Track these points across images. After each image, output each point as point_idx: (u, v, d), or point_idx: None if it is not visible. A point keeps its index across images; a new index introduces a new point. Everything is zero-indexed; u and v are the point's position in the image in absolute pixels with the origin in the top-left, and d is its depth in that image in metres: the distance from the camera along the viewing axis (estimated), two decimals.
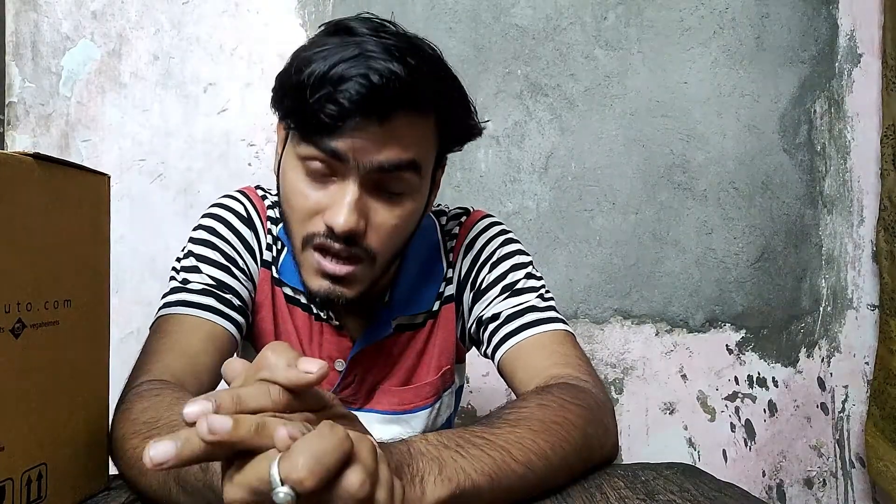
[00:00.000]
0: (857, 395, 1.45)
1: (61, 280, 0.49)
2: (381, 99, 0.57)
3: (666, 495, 0.53)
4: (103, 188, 0.58)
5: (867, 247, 1.46)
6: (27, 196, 0.44)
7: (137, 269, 1.28)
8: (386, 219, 0.62)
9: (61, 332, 0.48)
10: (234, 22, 1.33)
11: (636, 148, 1.40)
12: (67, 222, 0.50)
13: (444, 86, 0.65)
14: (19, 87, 1.29)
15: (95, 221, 0.56)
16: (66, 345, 0.49)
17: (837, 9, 1.46)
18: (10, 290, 0.43)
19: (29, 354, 0.44)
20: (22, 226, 0.43)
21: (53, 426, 0.47)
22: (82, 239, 0.54)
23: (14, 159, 0.43)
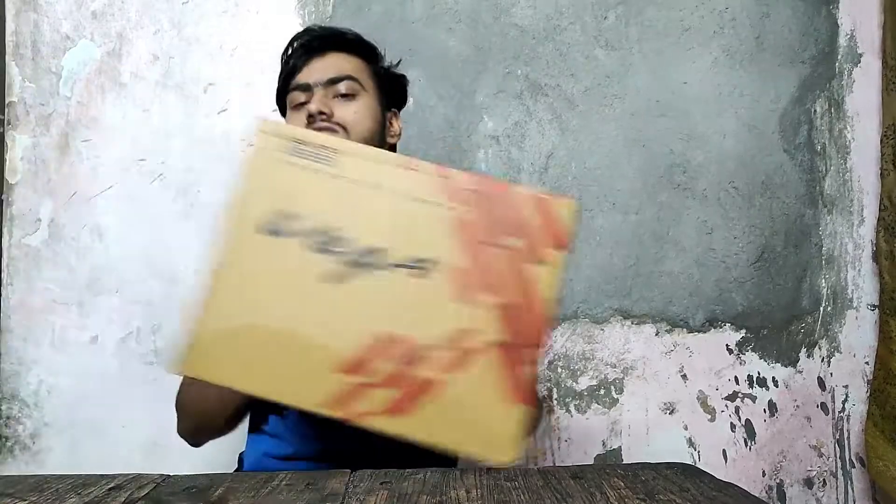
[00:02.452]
0: (857, 395, 1.45)
1: None
2: (320, 43, 0.92)
3: (666, 495, 0.53)
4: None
5: (867, 247, 1.46)
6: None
7: (137, 269, 1.28)
8: (345, 108, 0.90)
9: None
10: (234, 22, 1.33)
11: (636, 148, 1.40)
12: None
13: (361, 38, 0.97)
14: (19, 87, 1.29)
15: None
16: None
17: (837, 9, 1.46)
18: None
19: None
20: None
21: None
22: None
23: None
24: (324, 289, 0.56)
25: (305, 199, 0.57)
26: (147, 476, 0.59)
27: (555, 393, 1.36)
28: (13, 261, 1.27)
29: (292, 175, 0.57)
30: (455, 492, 0.54)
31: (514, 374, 0.56)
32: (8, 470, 1.25)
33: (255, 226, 0.56)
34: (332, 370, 0.55)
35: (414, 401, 0.55)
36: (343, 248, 0.56)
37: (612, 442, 1.37)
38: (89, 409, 1.27)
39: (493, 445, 0.56)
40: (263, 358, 0.56)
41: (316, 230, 0.56)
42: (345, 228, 0.57)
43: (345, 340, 0.55)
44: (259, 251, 0.56)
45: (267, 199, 0.57)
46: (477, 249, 0.57)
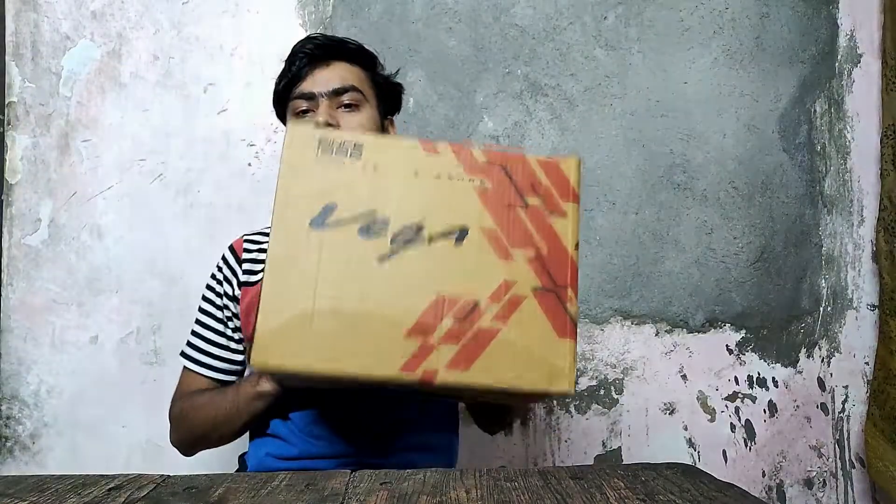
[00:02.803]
0: (857, 395, 1.45)
1: None
2: (324, 51, 0.93)
3: (666, 495, 0.53)
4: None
5: (867, 247, 1.46)
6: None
7: (137, 269, 1.28)
8: (350, 119, 0.93)
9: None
10: (234, 22, 1.33)
11: (636, 148, 1.40)
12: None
13: (362, 47, 0.99)
14: (19, 87, 1.29)
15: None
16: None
17: (837, 9, 1.46)
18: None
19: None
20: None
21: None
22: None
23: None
24: (376, 267, 0.62)
25: (342, 191, 0.64)
26: (147, 476, 0.59)
27: None
28: (13, 261, 1.27)
29: (326, 171, 0.64)
30: (455, 492, 0.54)
31: (556, 314, 0.63)
32: (8, 470, 1.25)
33: (302, 221, 0.62)
34: (402, 336, 0.61)
35: (474, 351, 0.61)
36: (386, 229, 0.63)
37: (612, 442, 1.37)
38: (89, 409, 1.27)
39: (551, 376, 0.62)
40: (337, 338, 0.61)
41: (357, 217, 0.63)
42: (382, 211, 0.64)
43: (406, 308, 0.62)
44: (310, 243, 0.62)
45: (308, 196, 0.63)
46: (502, 212, 0.65)
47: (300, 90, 0.93)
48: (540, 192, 0.66)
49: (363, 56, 0.99)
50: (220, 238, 1.25)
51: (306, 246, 0.62)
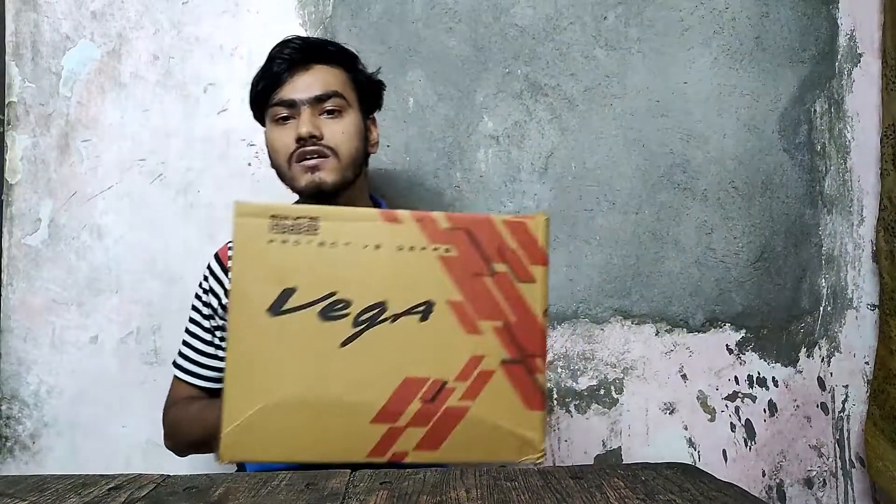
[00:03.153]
0: (857, 395, 1.45)
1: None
2: (304, 54, 0.91)
3: (666, 495, 0.53)
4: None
5: (867, 247, 1.46)
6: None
7: (137, 269, 1.28)
8: (334, 127, 0.91)
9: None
10: (234, 22, 1.33)
11: (636, 148, 1.40)
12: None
13: (342, 48, 0.97)
14: (19, 87, 1.29)
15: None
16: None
17: (837, 9, 1.46)
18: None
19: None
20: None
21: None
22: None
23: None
24: (340, 351, 0.61)
25: (300, 273, 0.62)
26: (147, 476, 0.59)
27: (555, 393, 1.36)
28: (13, 261, 1.27)
29: (280, 251, 0.61)
30: (455, 492, 0.54)
31: (525, 385, 0.62)
32: (8, 470, 1.25)
33: (259, 309, 0.60)
34: (368, 422, 0.60)
35: (443, 432, 0.61)
36: (347, 311, 0.61)
37: (612, 442, 1.37)
38: (89, 409, 1.27)
39: (521, 450, 0.62)
40: (303, 429, 0.60)
41: (317, 300, 0.61)
42: (343, 292, 0.62)
43: (372, 394, 0.61)
44: (270, 332, 0.60)
45: (264, 282, 0.61)
46: (468, 282, 0.63)
47: (280, 97, 0.91)
48: (507, 256, 0.64)
49: (344, 57, 0.96)
50: (220, 238, 1.25)
51: (266, 335, 0.60)
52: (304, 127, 0.89)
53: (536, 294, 0.64)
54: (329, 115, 0.92)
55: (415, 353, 0.61)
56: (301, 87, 0.91)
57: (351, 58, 0.97)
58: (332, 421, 0.60)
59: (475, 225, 0.64)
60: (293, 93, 0.90)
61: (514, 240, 0.64)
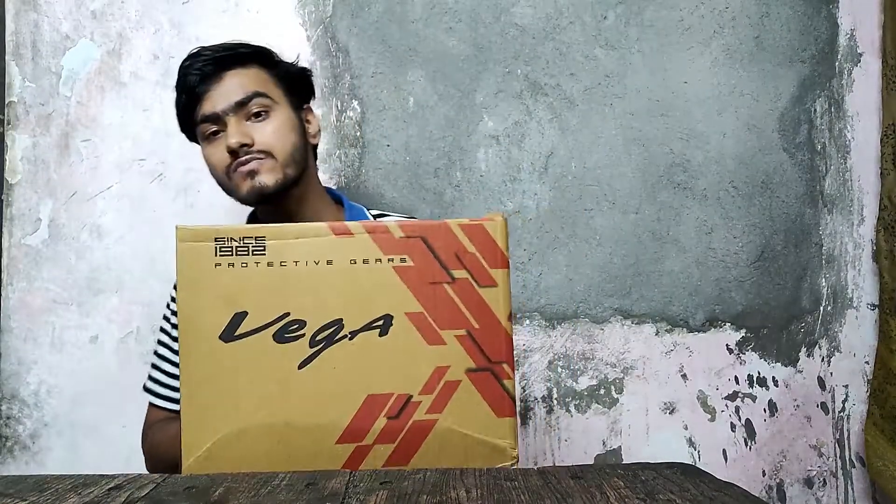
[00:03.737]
0: (857, 395, 1.45)
1: None
2: (214, 66, 0.87)
3: (666, 495, 0.53)
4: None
5: (867, 246, 1.46)
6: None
7: (137, 269, 1.28)
8: (263, 130, 0.87)
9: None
10: (234, 22, 1.33)
11: (636, 148, 1.40)
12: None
13: (254, 47, 0.92)
14: (19, 87, 1.29)
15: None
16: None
17: (837, 8, 1.46)
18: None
19: None
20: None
21: None
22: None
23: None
24: (298, 373, 0.59)
25: (250, 295, 0.59)
26: (147, 476, 0.59)
27: (555, 393, 1.36)
28: (13, 261, 1.27)
29: (228, 274, 0.59)
30: (455, 492, 0.54)
31: (493, 393, 0.61)
32: (8, 470, 1.25)
33: (211, 337, 0.58)
34: (333, 443, 0.59)
35: (412, 446, 0.59)
36: (303, 331, 0.59)
37: (612, 442, 1.37)
38: (89, 409, 1.27)
39: (493, 457, 0.61)
40: (265, 454, 0.58)
41: (270, 323, 0.59)
42: (297, 312, 0.59)
43: (335, 413, 0.59)
44: (223, 358, 0.58)
45: (213, 306, 0.59)
46: (427, 291, 0.61)
47: (203, 113, 0.88)
48: (466, 262, 0.61)
49: (257, 55, 0.92)
50: None
51: (220, 362, 0.58)
52: (232, 138, 0.85)
53: (499, 298, 0.62)
54: (256, 118, 0.88)
55: (376, 369, 0.60)
56: (219, 97, 0.87)
57: (265, 54, 0.93)
58: (296, 445, 0.58)
59: (430, 232, 0.62)
60: (213, 106, 0.87)
61: (472, 244, 0.62)
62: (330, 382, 0.59)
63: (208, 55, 0.88)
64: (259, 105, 0.88)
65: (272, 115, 0.89)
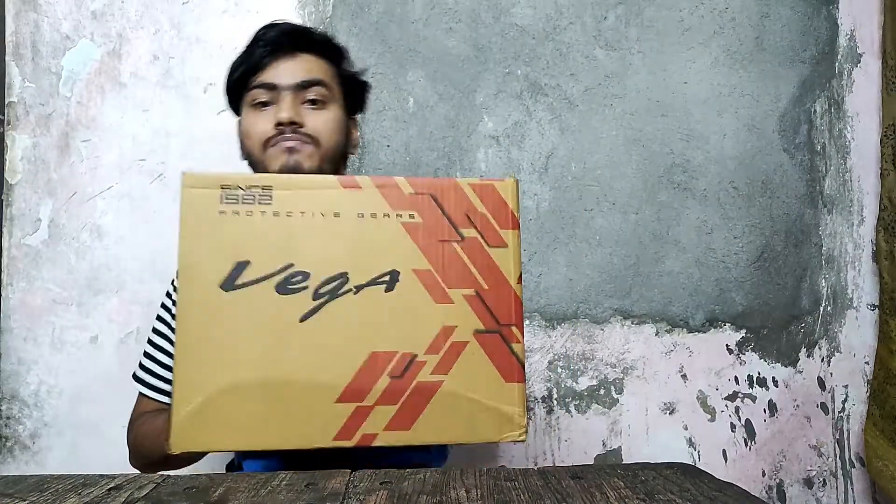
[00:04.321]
0: (857, 395, 1.45)
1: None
2: (290, 39, 0.86)
3: (666, 495, 0.53)
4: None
5: (867, 247, 1.46)
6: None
7: (137, 269, 1.28)
8: (315, 117, 0.86)
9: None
10: (234, 22, 1.33)
11: (636, 148, 1.40)
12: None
13: (331, 39, 0.93)
14: (19, 87, 1.29)
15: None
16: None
17: (837, 9, 1.46)
18: None
19: None
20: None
21: None
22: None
23: None
24: (300, 327, 0.56)
25: (253, 244, 0.57)
26: (147, 476, 0.59)
27: (555, 393, 1.36)
28: (13, 261, 1.27)
29: (232, 223, 0.57)
30: (455, 492, 0.54)
31: (502, 356, 0.58)
32: (8, 470, 1.25)
33: (211, 285, 0.56)
34: (333, 402, 0.56)
35: (415, 409, 0.57)
36: (306, 283, 0.57)
37: (612, 442, 1.37)
38: (89, 409, 1.27)
39: (501, 426, 0.58)
40: (262, 413, 0.56)
41: (273, 273, 0.57)
42: (301, 263, 0.57)
43: (336, 371, 0.56)
44: (223, 309, 0.56)
45: (215, 255, 0.57)
46: (436, 249, 0.59)
47: (261, 80, 0.85)
48: (476, 221, 0.60)
49: (331, 49, 0.91)
50: None
51: (219, 312, 0.56)
52: (284, 112, 0.83)
53: (509, 259, 0.60)
54: (312, 104, 0.86)
55: (381, 325, 0.57)
56: (284, 72, 0.85)
57: (339, 51, 0.92)
58: (293, 403, 0.55)
59: (441, 190, 0.60)
60: (275, 77, 0.84)
61: (482, 204, 0.60)
62: (332, 337, 0.57)
63: (286, 28, 0.87)
64: (318, 94, 0.86)
65: (327, 107, 0.87)
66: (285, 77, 0.85)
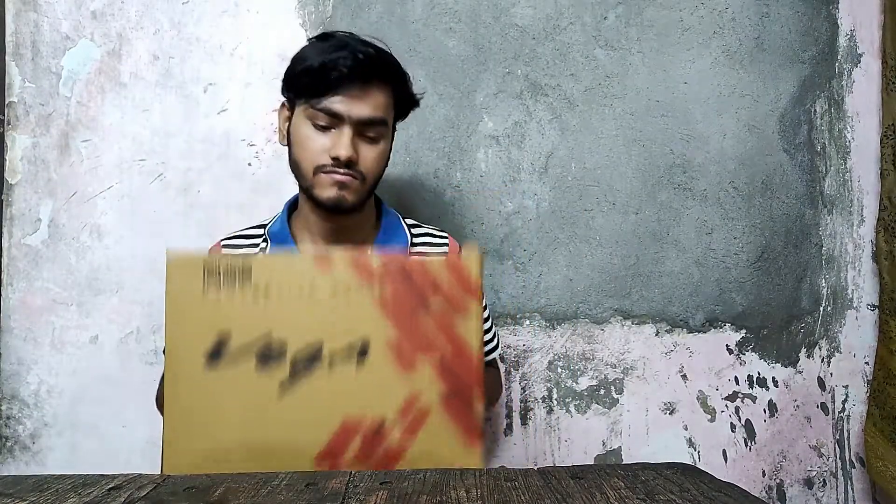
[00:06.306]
0: (857, 395, 1.45)
1: None
2: (363, 71, 0.88)
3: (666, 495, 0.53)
4: None
5: (867, 247, 1.46)
6: None
7: (137, 269, 1.28)
8: (369, 153, 0.91)
9: None
10: (234, 22, 1.33)
11: (636, 148, 1.40)
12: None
13: (398, 67, 0.95)
14: (19, 87, 1.29)
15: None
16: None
17: (837, 9, 1.46)
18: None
19: None
20: None
21: None
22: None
23: None
24: (278, 396, 0.62)
25: (234, 322, 0.62)
26: (147, 476, 0.59)
27: (555, 393, 1.36)
28: (13, 261, 1.27)
29: (215, 301, 0.62)
30: (455, 492, 0.54)
31: (463, 418, 0.64)
32: (8, 470, 1.25)
33: (196, 359, 0.61)
34: (311, 463, 0.61)
35: (383, 469, 0.62)
36: (284, 356, 0.62)
37: (612, 442, 1.37)
38: (89, 409, 1.27)
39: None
40: (246, 468, 0.61)
41: (253, 348, 0.62)
42: (279, 337, 0.62)
43: (312, 435, 0.62)
44: (207, 382, 0.61)
45: (199, 332, 0.62)
46: (404, 318, 0.64)
47: (326, 105, 0.88)
48: (441, 291, 0.65)
49: (397, 77, 0.95)
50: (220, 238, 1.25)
51: (203, 385, 0.61)
52: (343, 150, 0.87)
53: (471, 326, 0.65)
54: (368, 140, 0.91)
55: (353, 394, 0.62)
56: (353, 105, 0.88)
57: (403, 79, 0.96)
58: (275, 462, 0.61)
59: (409, 264, 0.65)
60: (343, 107, 0.88)
61: (447, 276, 0.65)
62: (308, 406, 0.62)
63: (363, 58, 0.87)
64: (377, 132, 0.91)
65: (381, 142, 0.93)
66: (354, 110, 0.88)
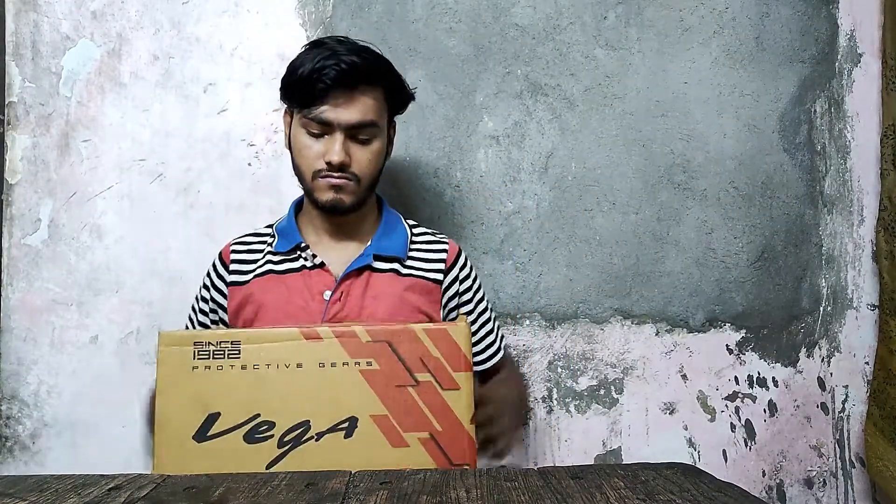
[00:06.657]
0: (857, 395, 1.45)
1: None
2: (348, 79, 0.90)
3: (666, 495, 0.53)
4: None
5: (867, 247, 1.46)
6: None
7: (137, 269, 1.28)
8: (362, 155, 0.95)
9: None
10: (234, 22, 1.33)
11: (636, 148, 1.40)
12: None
13: (387, 69, 0.97)
14: (19, 87, 1.29)
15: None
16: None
17: (837, 9, 1.46)
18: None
19: None
20: None
21: None
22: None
23: None
24: (268, 467, 0.62)
25: (223, 398, 0.63)
26: (147, 476, 0.59)
27: (555, 393, 1.36)
28: (13, 261, 1.27)
29: (204, 377, 0.63)
30: (455, 492, 0.54)
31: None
32: (8, 470, 1.25)
33: (185, 436, 0.62)
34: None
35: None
36: (272, 432, 0.62)
37: (612, 442, 1.37)
38: (89, 409, 1.27)
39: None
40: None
41: (241, 424, 0.63)
42: (267, 413, 0.63)
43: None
44: (197, 457, 0.61)
45: (189, 408, 0.62)
46: (392, 394, 0.63)
47: (317, 115, 0.92)
48: (430, 365, 0.64)
49: (389, 80, 0.97)
50: (220, 238, 1.25)
51: (192, 461, 0.61)
52: (335, 156, 0.92)
53: (462, 401, 0.64)
54: (360, 142, 0.95)
55: (342, 464, 0.61)
56: (342, 112, 0.92)
57: (392, 78, 0.98)
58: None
59: (396, 336, 0.65)
60: (332, 115, 0.92)
61: (436, 348, 0.65)
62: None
63: (348, 65, 0.90)
64: (369, 134, 0.95)
65: (374, 142, 0.96)
66: (343, 116, 0.92)
